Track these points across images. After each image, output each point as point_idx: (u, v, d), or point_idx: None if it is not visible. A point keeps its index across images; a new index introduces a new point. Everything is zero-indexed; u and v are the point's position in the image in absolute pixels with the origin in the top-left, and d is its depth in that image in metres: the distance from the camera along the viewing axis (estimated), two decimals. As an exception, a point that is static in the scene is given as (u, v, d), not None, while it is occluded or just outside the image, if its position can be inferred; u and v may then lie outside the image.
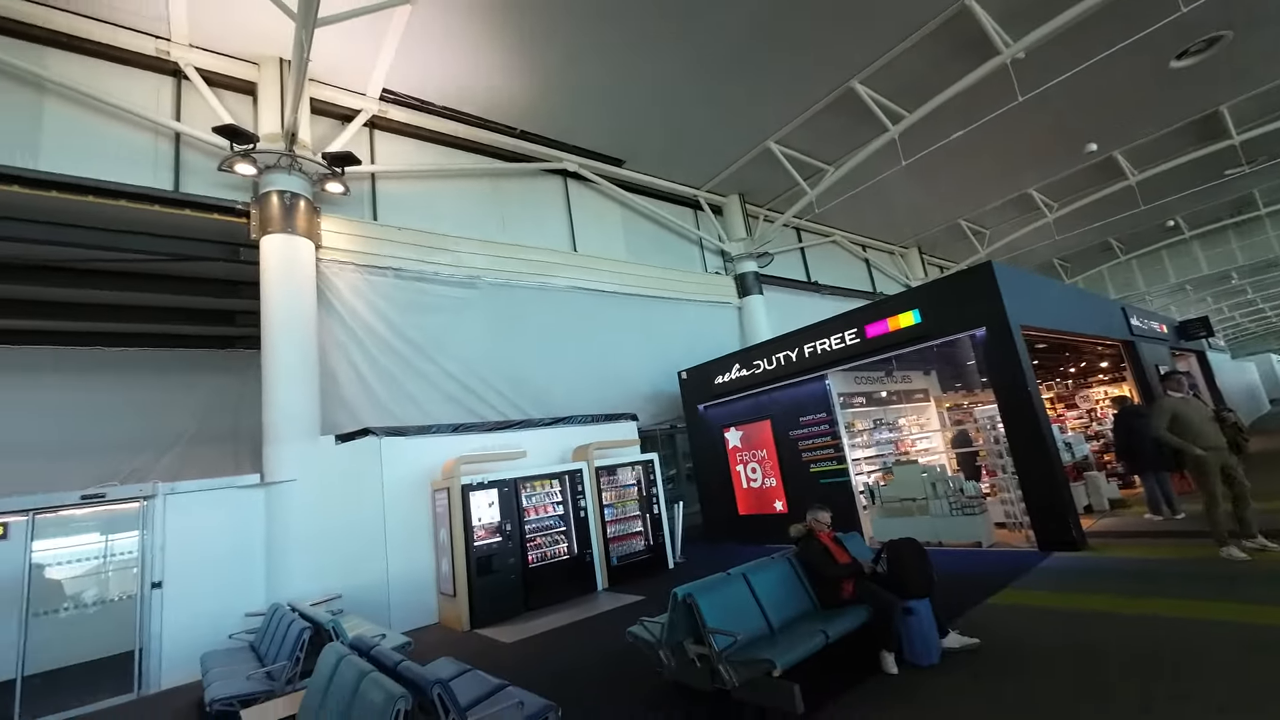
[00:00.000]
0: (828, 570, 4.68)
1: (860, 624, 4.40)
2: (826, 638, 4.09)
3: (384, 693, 2.96)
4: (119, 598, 8.95)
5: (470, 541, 7.51)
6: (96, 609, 8.87)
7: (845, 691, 4.07)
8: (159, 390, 11.13)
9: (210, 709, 4.56)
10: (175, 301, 10.08)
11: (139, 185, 7.70)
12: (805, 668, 3.94)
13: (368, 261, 9.28)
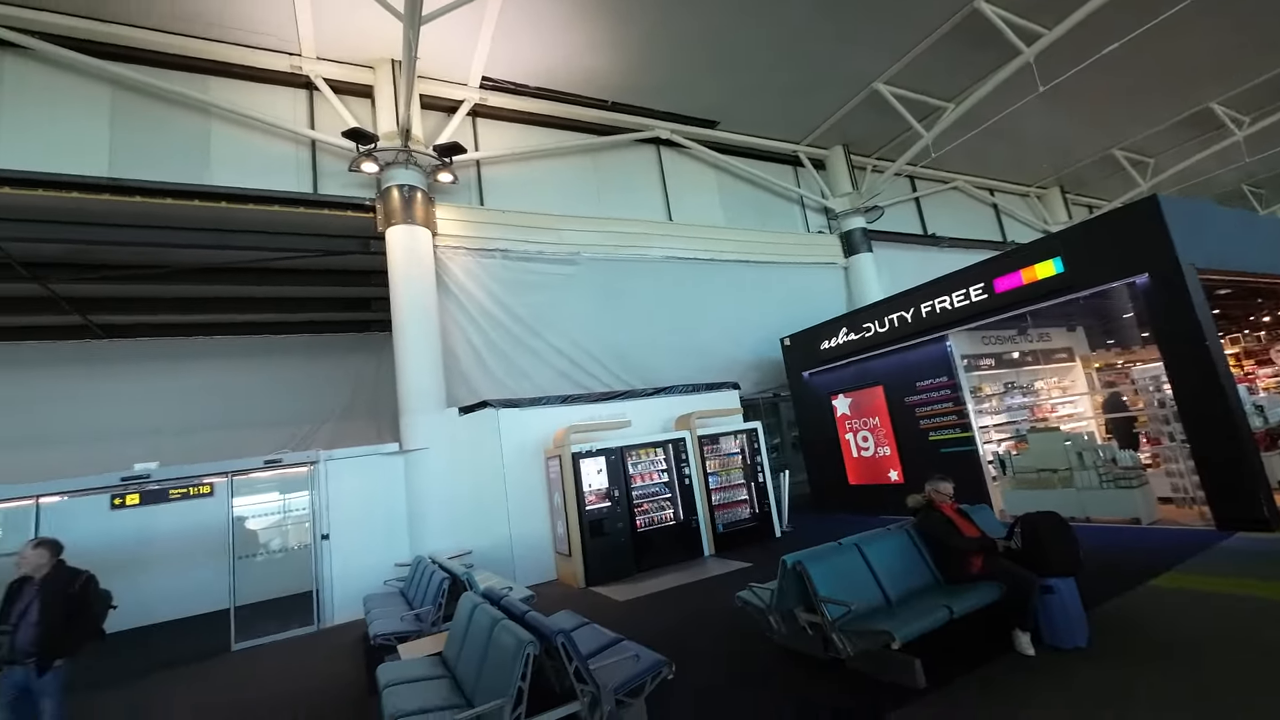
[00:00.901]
0: (954, 543, 4.38)
1: (990, 601, 4.09)
2: (951, 613, 3.86)
3: (515, 638, 3.25)
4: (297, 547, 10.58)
5: (582, 506, 7.93)
6: (281, 555, 10.56)
7: (971, 670, 3.84)
8: (315, 371, 12.81)
9: (374, 642, 5.28)
10: (320, 292, 11.45)
11: (286, 191, 8.73)
12: (925, 643, 3.77)
13: (478, 245, 9.88)
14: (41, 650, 3.89)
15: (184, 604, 9.91)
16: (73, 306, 10.02)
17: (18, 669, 3.87)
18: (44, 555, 4.10)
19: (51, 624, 3.93)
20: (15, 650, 3.85)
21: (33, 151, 7.46)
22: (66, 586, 4.09)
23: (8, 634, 3.88)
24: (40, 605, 3.95)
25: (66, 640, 4.01)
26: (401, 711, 3.29)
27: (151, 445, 9.98)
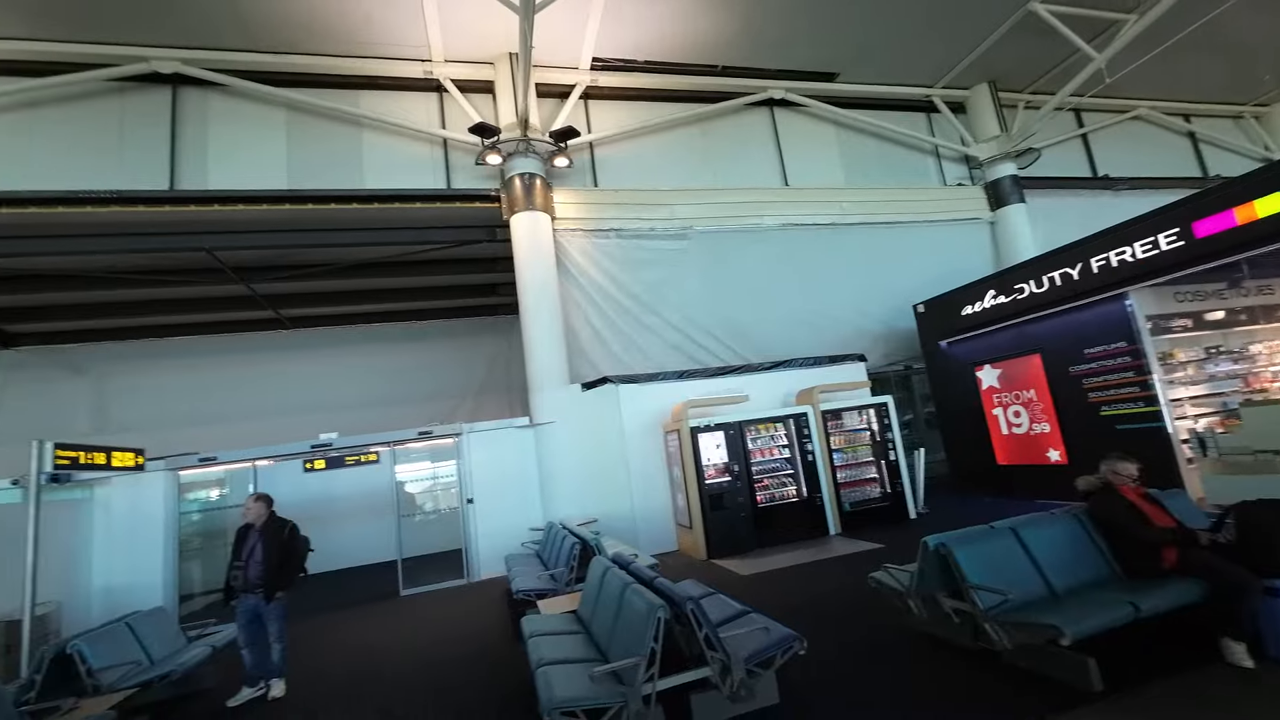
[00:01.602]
0: (1142, 534, 3.78)
1: (1187, 602, 3.49)
2: (1136, 610, 3.35)
3: (645, 602, 3.36)
4: (448, 509, 11.83)
5: (701, 479, 7.98)
6: (434, 516, 11.92)
7: (1162, 678, 3.31)
8: (454, 352, 14.09)
9: (516, 597, 5.79)
10: (454, 281, 12.48)
11: (424, 188, 9.58)
12: (1100, 643, 3.31)
13: (593, 226, 10.16)
14: (265, 583, 4.77)
15: (361, 554, 11.62)
16: (268, 303, 11.90)
17: (250, 597, 4.78)
18: (263, 507, 4.98)
19: (271, 563, 4.80)
20: (248, 582, 4.78)
21: (233, 173, 8.89)
22: (279, 533, 4.95)
23: (240, 569, 4.81)
24: (262, 547, 4.83)
25: (282, 576, 4.87)
26: (546, 660, 3.57)
27: (333, 419, 11.64)
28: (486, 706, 4.21)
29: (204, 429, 11.66)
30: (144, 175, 8.54)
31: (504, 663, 5.11)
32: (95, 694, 4.29)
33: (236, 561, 4.86)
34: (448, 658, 5.40)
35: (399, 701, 4.51)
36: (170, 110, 8.82)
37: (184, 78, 8.76)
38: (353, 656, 5.80)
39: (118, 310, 11.46)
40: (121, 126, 8.59)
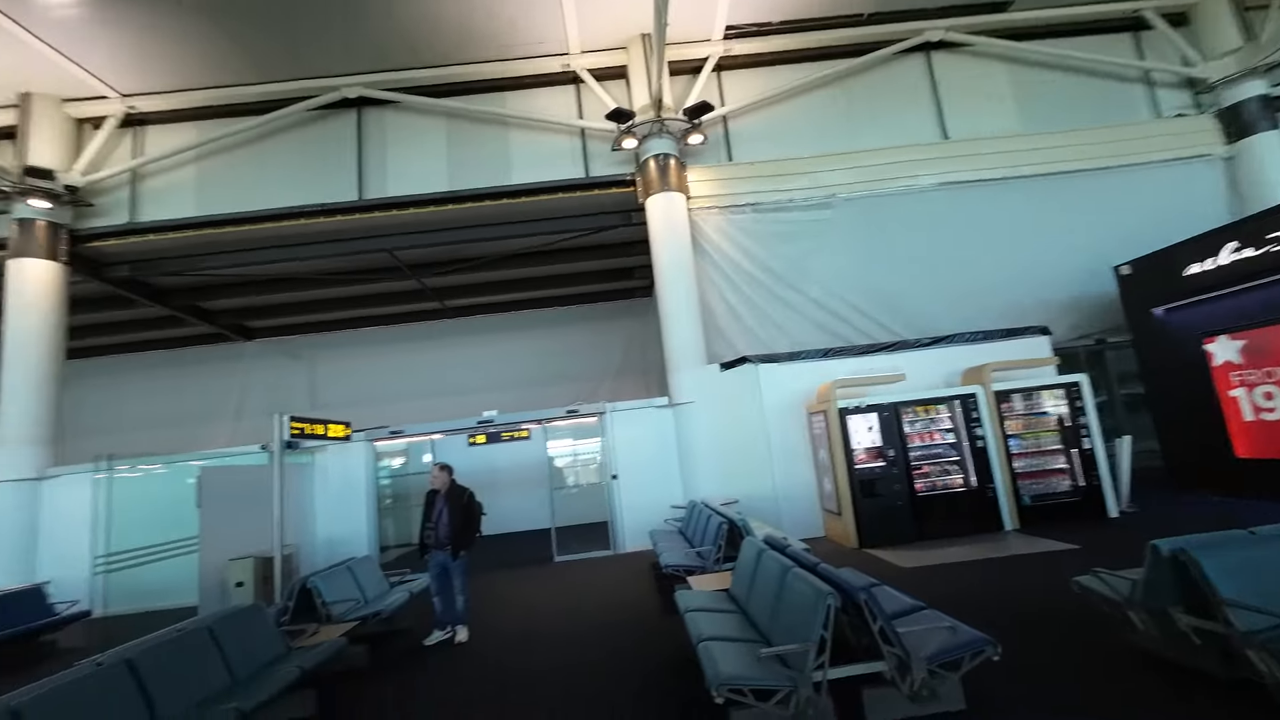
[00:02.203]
0: None
1: None
2: None
3: (813, 589, 3.22)
4: (589, 484, 12.48)
5: (851, 464, 7.51)
6: (579, 490, 12.66)
7: None
8: (593, 335, 14.74)
9: (665, 571, 5.92)
10: (592, 266, 12.98)
11: (565, 179, 10.02)
12: None
13: (728, 202, 9.92)
14: (452, 542, 5.38)
15: (517, 521, 12.70)
16: (435, 295, 13.37)
17: (440, 553, 5.43)
18: (446, 476, 5.61)
19: (455, 524, 5.40)
20: (438, 540, 5.43)
21: (406, 180, 10.01)
22: (460, 498, 5.54)
23: (432, 529, 5.47)
24: (448, 511, 5.45)
25: (465, 536, 5.47)
26: (706, 635, 3.59)
27: (492, 398, 12.83)
28: (645, 669, 4.36)
29: (389, 406, 13.49)
30: (339, 189, 9.94)
31: (656, 631, 5.27)
32: (329, 622, 5.17)
33: (428, 522, 5.55)
34: (603, 622, 5.69)
35: (566, 655, 4.86)
36: (356, 130, 10.15)
37: (366, 100, 10.00)
38: (519, 612, 6.37)
39: (323, 306, 13.62)
40: (322, 148, 10.07)
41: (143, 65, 8.95)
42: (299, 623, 5.11)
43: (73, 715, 2.99)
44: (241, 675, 4.01)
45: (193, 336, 14.34)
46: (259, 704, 3.59)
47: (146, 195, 9.97)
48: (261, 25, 8.42)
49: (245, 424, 14.05)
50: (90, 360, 13.64)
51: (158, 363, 14.77)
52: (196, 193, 9.96)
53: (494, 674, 4.70)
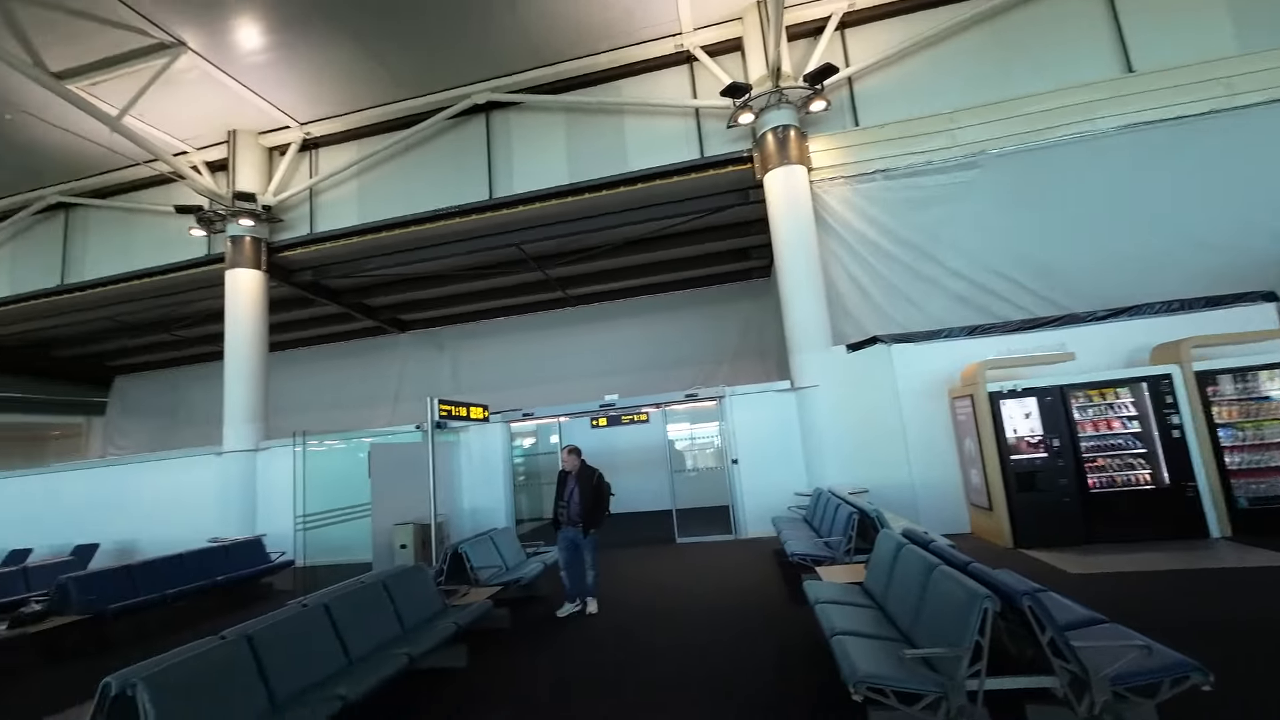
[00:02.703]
0: None
1: None
2: None
3: (964, 589, 2.93)
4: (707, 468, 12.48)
5: (1005, 454, 6.72)
6: (697, 474, 12.71)
7: None
8: (710, 318, 14.62)
9: (791, 559, 5.75)
10: (707, 249, 12.81)
11: (680, 162, 9.93)
12: None
13: (855, 171, 9.22)
14: (583, 520, 5.65)
15: (638, 501, 13.07)
16: (558, 285, 14.05)
17: (571, 529, 5.73)
18: (575, 458, 5.89)
19: (586, 503, 5.67)
20: (570, 517, 5.73)
21: (530, 176, 10.56)
22: (590, 478, 5.80)
23: (564, 507, 5.78)
24: (579, 490, 5.73)
25: (595, 515, 5.72)
26: (839, 629, 3.42)
27: (613, 382, 13.29)
28: (770, 655, 4.28)
29: (520, 390, 14.50)
30: (472, 190, 10.75)
31: (781, 618, 5.15)
32: (477, 586, 5.72)
33: (560, 501, 5.87)
34: (726, 605, 5.68)
35: (690, 634, 4.92)
36: (485, 133, 10.88)
37: (493, 104, 10.68)
38: (645, 590, 6.56)
39: (462, 300, 14.92)
40: (457, 153, 10.95)
41: (316, 95, 10.32)
42: (452, 584, 5.71)
43: (287, 645, 3.60)
44: (409, 625, 4.57)
45: (359, 330, 16.48)
46: (424, 651, 4.07)
47: (321, 209, 11.55)
48: (403, 45, 9.29)
49: (402, 406, 15.93)
50: (284, 352, 16.22)
51: (333, 354, 17.20)
52: (359, 204, 11.34)
53: (621, 646, 4.89)
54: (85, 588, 6.74)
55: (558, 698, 4.03)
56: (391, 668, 3.73)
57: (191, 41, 8.73)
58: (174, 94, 9.55)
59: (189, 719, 2.86)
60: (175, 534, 10.24)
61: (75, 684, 5.05)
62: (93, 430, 18.98)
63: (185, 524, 10.29)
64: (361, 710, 3.54)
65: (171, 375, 18.30)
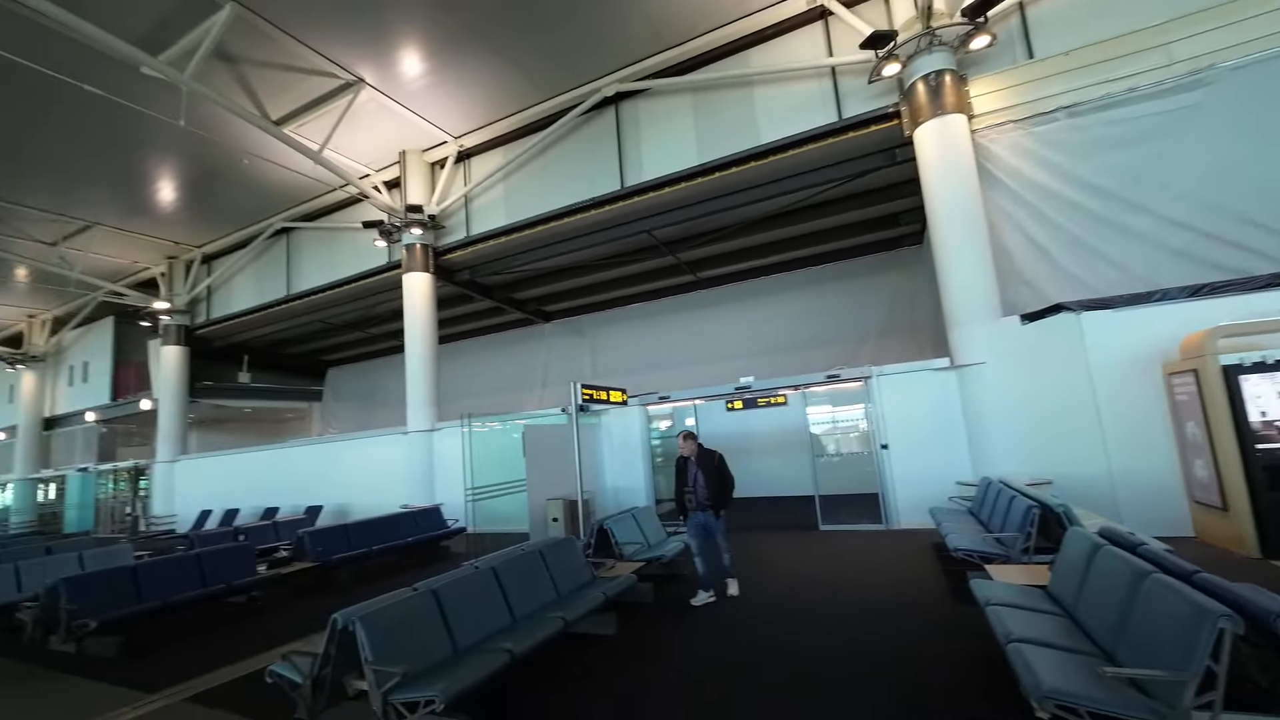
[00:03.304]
0: None
1: None
2: None
3: (1190, 604, 2.42)
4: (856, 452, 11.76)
5: (1247, 442, 5.41)
6: (840, 459, 12.04)
7: None
8: (851, 294, 13.66)
9: (954, 554, 5.22)
10: (848, 219, 11.91)
11: (816, 127, 9.32)
12: None
13: (1029, 112, 7.92)
14: (712, 502, 5.64)
15: (775, 486, 12.75)
16: (689, 268, 14.07)
17: (699, 513, 5.73)
18: (691, 443, 5.85)
19: (712, 485, 5.65)
20: (698, 501, 5.72)
21: (659, 162, 10.64)
22: (711, 460, 5.75)
23: (690, 492, 5.78)
24: (702, 474, 5.71)
25: (723, 496, 5.67)
26: (1019, 636, 3.03)
27: (748, 364, 13.06)
28: (927, 656, 3.94)
29: (656, 374, 14.83)
30: (605, 181, 11.12)
31: (941, 617, 4.72)
32: (622, 560, 6.01)
33: (685, 486, 5.85)
34: (877, 599, 5.33)
35: (835, 626, 4.71)
36: (615, 124, 11.16)
37: (621, 94, 10.89)
38: (787, 577, 6.40)
39: (598, 289, 15.60)
40: (590, 147, 11.38)
41: (467, 109, 11.36)
42: (599, 557, 6.06)
43: (464, 600, 4.10)
44: (563, 591, 4.95)
45: (510, 322, 18.03)
46: (577, 617, 4.38)
47: (475, 214, 12.75)
48: (538, 49, 9.81)
49: (548, 391, 17.16)
50: (450, 344, 18.31)
51: (489, 344, 19.03)
52: (505, 205, 12.33)
53: (762, 630, 4.83)
54: (316, 541, 8.30)
55: (698, 673, 4.10)
56: (550, 629, 4.07)
57: (368, 77, 10.06)
58: (357, 125, 11.11)
59: (392, 653, 3.38)
60: (376, 500, 12.16)
61: (313, 615, 6.25)
62: (314, 413, 23.13)
63: (382, 492, 12.16)
64: (523, 663, 3.92)
65: (369, 366, 21.59)
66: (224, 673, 4.90)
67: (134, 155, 11.84)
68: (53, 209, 13.58)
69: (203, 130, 10.21)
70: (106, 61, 8.35)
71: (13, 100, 9.68)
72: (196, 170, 12.60)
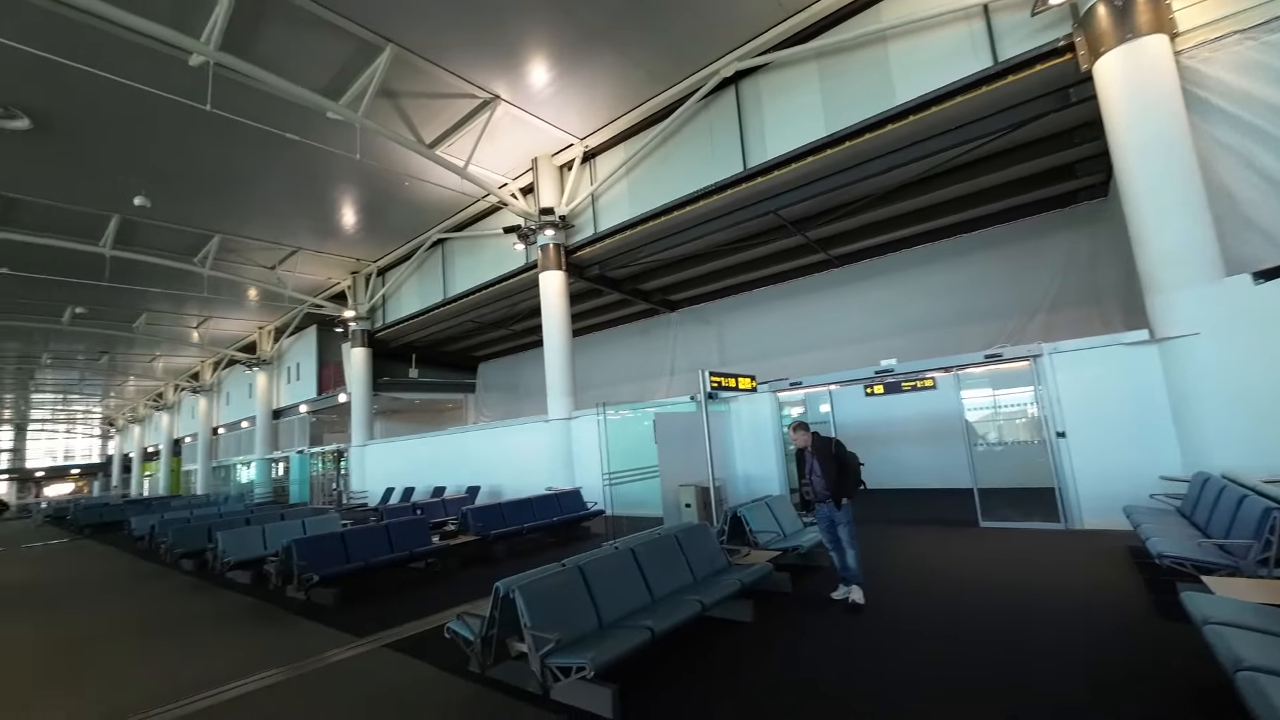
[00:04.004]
0: None
1: None
2: None
3: None
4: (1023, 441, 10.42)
5: None
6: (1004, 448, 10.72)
7: None
8: (1014, 260, 12.05)
9: (1159, 561, 4.42)
10: (1007, 176, 10.46)
11: (964, 77, 8.28)
12: None
13: (1261, 17, 6.33)
14: (831, 493, 5.31)
15: (923, 477, 11.75)
16: (819, 246, 13.35)
17: (823, 506, 5.40)
18: (804, 434, 5.51)
19: (830, 474, 5.31)
20: (818, 494, 5.41)
21: (783, 138, 10.18)
22: (827, 449, 5.40)
23: (809, 485, 5.49)
24: (819, 464, 5.39)
25: (844, 485, 5.30)
26: (1252, 664, 2.50)
27: (889, 345, 12.14)
28: (1121, 679, 3.39)
29: (787, 359, 14.37)
30: (727, 165, 10.91)
31: (1141, 632, 4.04)
32: (756, 549, 5.95)
33: (804, 479, 5.56)
34: (1054, 609, 4.69)
35: (1001, 635, 4.23)
36: (736, 105, 10.88)
37: (740, 73, 10.58)
38: (943, 578, 5.88)
39: (723, 275, 15.43)
40: (710, 132, 11.24)
41: (590, 110, 11.81)
42: (732, 544, 6.06)
43: (608, 578, 4.35)
44: (699, 576, 5.03)
45: (636, 313, 18.54)
46: (714, 602, 4.44)
47: (601, 211, 13.25)
48: (654, 42, 9.86)
49: (677, 379, 17.40)
50: (582, 337, 19.30)
51: (617, 335, 19.75)
52: (629, 200, 12.64)
53: (911, 632, 4.49)
54: (476, 517, 9.30)
55: (840, 673, 3.94)
56: (688, 611, 4.18)
57: (502, 92, 10.88)
58: (494, 138, 12.06)
59: (547, 621, 3.71)
60: (523, 481, 13.30)
61: (479, 582, 7.03)
62: (468, 404, 25.80)
63: (528, 474, 13.26)
64: (662, 641, 4.06)
65: (513, 360, 23.56)
66: (410, 626, 5.72)
67: (323, 188, 14.03)
68: (269, 239, 16.59)
69: (373, 160, 11.79)
70: (301, 111, 9.98)
71: (242, 154, 11.96)
72: (369, 195, 14.59)
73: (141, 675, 5.11)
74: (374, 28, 8.96)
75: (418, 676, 4.45)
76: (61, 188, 12.73)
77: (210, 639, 6.05)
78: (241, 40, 8.61)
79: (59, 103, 9.93)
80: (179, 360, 30.44)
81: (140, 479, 42.28)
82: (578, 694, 3.61)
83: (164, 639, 6.18)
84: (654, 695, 3.76)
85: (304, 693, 4.35)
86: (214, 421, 31.67)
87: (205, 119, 9.62)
